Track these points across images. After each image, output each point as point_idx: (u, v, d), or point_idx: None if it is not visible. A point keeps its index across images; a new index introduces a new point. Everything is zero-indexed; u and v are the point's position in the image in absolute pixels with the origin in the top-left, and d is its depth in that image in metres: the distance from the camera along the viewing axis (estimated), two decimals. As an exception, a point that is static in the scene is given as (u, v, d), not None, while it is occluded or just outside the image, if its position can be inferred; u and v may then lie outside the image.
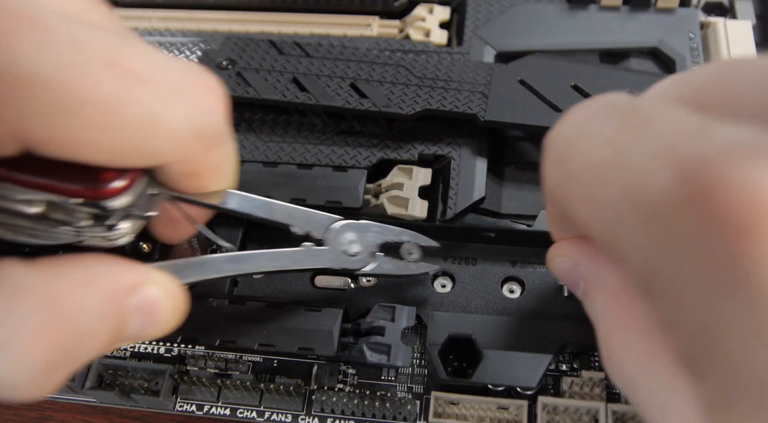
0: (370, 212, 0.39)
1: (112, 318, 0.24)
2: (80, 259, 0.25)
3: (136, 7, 0.50)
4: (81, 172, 0.25)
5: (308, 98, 0.40)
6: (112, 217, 0.27)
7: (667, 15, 0.45)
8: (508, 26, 0.45)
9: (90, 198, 0.26)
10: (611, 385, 0.35)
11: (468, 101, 0.39)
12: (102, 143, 0.24)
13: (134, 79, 0.23)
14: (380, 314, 0.35)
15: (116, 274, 0.25)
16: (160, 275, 0.27)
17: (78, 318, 0.23)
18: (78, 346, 0.23)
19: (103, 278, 0.24)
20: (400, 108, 0.39)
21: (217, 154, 0.29)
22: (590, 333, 0.34)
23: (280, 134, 0.41)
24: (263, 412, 0.35)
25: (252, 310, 0.35)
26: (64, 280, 0.23)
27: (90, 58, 0.22)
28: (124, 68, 0.23)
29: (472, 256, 0.39)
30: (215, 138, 0.27)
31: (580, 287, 0.27)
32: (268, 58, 0.42)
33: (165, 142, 0.25)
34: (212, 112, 0.27)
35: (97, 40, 0.23)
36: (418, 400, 0.35)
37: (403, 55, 0.42)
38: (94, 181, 0.26)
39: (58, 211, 0.27)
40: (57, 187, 0.25)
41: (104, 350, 0.25)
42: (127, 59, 0.23)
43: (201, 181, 0.29)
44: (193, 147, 0.26)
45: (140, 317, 0.26)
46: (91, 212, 0.27)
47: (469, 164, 0.39)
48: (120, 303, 0.25)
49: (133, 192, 0.27)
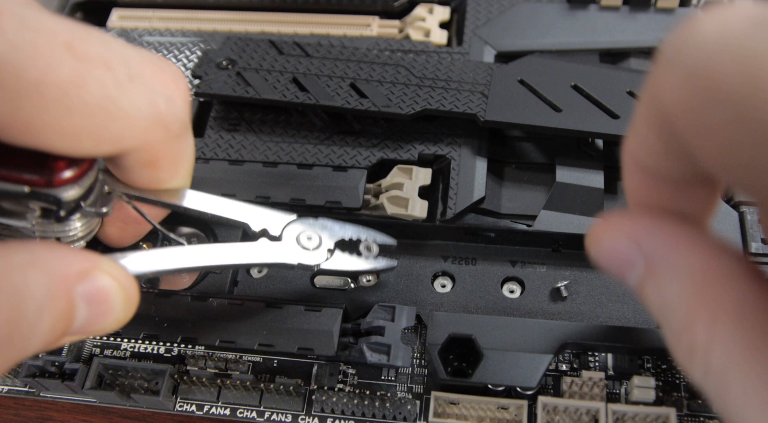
0: (370, 212, 0.39)
1: (57, 303, 0.23)
2: (25, 243, 0.24)
3: (136, 7, 0.50)
4: (31, 161, 0.25)
5: (308, 98, 0.40)
6: (62, 210, 0.27)
7: (667, 15, 0.45)
8: (508, 26, 0.45)
9: (40, 186, 0.25)
10: (611, 385, 0.35)
11: (468, 101, 0.40)
12: (59, 127, 0.23)
13: (92, 62, 0.23)
14: (380, 314, 0.35)
15: (63, 259, 0.24)
16: (112, 264, 0.26)
17: (19, 299, 0.22)
18: (20, 330, 0.22)
19: (48, 262, 0.23)
20: (399, 108, 0.39)
21: (177, 146, 0.28)
22: (590, 333, 0.34)
23: (280, 134, 0.41)
24: (263, 412, 0.35)
25: (252, 310, 0.35)
26: (7, 261, 0.22)
27: (46, 41, 0.22)
28: (82, 51, 0.23)
29: (472, 256, 0.39)
30: (175, 127, 0.27)
31: (636, 271, 0.22)
32: (268, 58, 0.42)
33: (123, 128, 0.25)
34: (173, 100, 0.26)
35: (54, 24, 0.23)
36: (418, 400, 0.35)
37: (403, 55, 0.42)
38: (44, 169, 0.25)
39: (7, 200, 0.26)
40: (5, 174, 0.25)
41: (50, 340, 0.23)
42: (85, 43, 0.23)
43: (159, 173, 0.29)
44: (153, 134, 0.26)
45: (89, 306, 0.24)
46: (41, 205, 0.27)
47: (469, 164, 0.39)
48: (66, 288, 0.23)
49: (83, 184, 0.27)
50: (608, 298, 0.37)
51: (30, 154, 0.24)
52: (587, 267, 0.38)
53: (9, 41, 0.21)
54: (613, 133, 0.38)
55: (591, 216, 0.37)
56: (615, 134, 0.38)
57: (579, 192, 0.38)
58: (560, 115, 0.39)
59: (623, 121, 0.38)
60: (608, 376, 0.35)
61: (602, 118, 0.39)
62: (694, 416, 0.34)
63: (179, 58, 0.47)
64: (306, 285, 0.38)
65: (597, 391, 0.34)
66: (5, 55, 0.21)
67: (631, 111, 0.39)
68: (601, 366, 0.35)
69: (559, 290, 0.37)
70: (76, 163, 0.26)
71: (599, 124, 0.38)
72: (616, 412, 0.33)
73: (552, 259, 0.38)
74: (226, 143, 0.41)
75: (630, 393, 0.34)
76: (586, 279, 0.37)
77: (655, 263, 0.22)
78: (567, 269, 0.38)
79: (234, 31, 0.48)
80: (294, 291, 0.38)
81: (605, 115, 0.39)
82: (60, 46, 0.22)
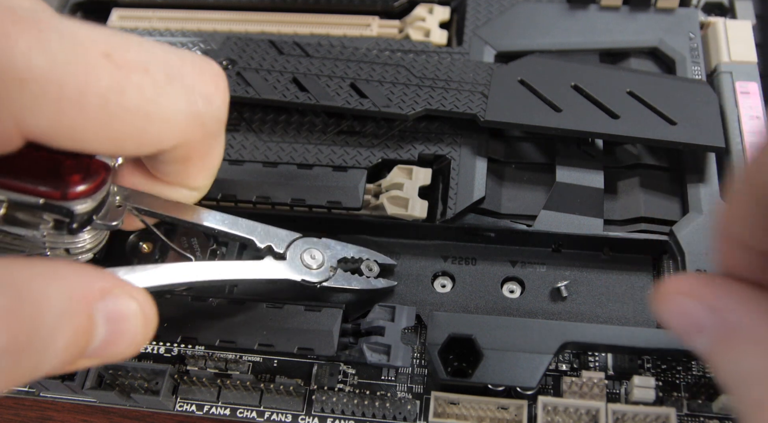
0: (370, 212, 0.39)
1: (76, 318, 0.23)
2: (48, 259, 0.25)
3: (136, 7, 0.50)
4: (47, 173, 0.26)
5: (308, 98, 0.40)
6: (74, 222, 0.27)
7: (667, 15, 0.45)
8: (508, 26, 0.45)
9: (54, 198, 0.26)
10: (611, 385, 0.35)
11: (468, 101, 0.39)
12: (102, 133, 0.24)
13: (130, 69, 0.24)
14: (380, 314, 0.35)
15: (85, 276, 0.24)
16: (133, 287, 0.25)
17: (38, 309, 0.21)
18: (36, 341, 0.21)
19: (70, 276, 0.23)
20: (400, 108, 0.39)
21: (212, 144, 0.29)
22: (590, 333, 0.34)
23: (280, 134, 0.41)
24: (263, 412, 0.35)
25: (252, 310, 0.35)
26: (29, 270, 0.22)
27: (85, 52, 0.23)
28: (119, 59, 0.24)
29: (472, 256, 0.39)
30: (213, 126, 0.27)
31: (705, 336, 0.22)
32: (268, 58, 0.42)
33: (163, 129, 0.25)
34: (211, 99, 0.27)
35: (91, 34, 0.23)
36: (418, 400, 0.35)
37: (403, 55, 0.42)
38: (59, 182, 0.26)
39: (22, 211, 0.27)
40: (20, 186, 0.26)
41: (67, 358, 0.23)
42: (122, 50, 0.24)
43: (189, 169, 0.29)
44: (191, 133, 0.26)
45: (108, 325, 0.24)
46: (54, 217, 0.27)
47: (469, 164, 0.39)
48: (87, 304, 0.23)
49: (96, 198, 0.28)
50: (608, 298, 0.37)
51: (45, 167, 0.25)
52: (587, 267, 0.38)
53: (50, 54, 0.22)
54: (613, 133, 0.38)
55: (591, 216, 0.37)
56: (615, 134, 0.38)
57: (579, 192, 0.38)
58: (560, 115, 0.39)
59: (623, 121, 0.38)
60: (608, 376, 0.35)
61: (602, 119, 0.39)
62: (694, 416, 0.34)
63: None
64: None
65: (597, 391, 0.34)
66: (47, 68, 0.22)
67: (631, 111, 0.39)
68: (601, 366, 0.35)
69: (559, 290, 0.37)
70: (90, 177, 0.27)
71: (599, 125, 0.38)
72: (616, 412, 0.33)
73: (552, 259, 0.38)
74: (226, 143, 0.41)
75: (630, 393, 0.34)
76: (586, 279, 0.37)
77: (734, 332, 0.21)
78: (567, 269, 0.38)
79: (234, 31, 0.48)
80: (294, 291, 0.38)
81: (605, 116, 0.39)
82: (98, 55, 0.23)
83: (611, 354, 0.36)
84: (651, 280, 0.37)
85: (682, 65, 0.43)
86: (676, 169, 0.40)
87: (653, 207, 0.38)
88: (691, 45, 0.44)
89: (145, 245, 0.39)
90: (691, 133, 0.38)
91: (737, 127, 0.40)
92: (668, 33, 0.44)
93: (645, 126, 0.38)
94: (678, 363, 0.35)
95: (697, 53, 0.43)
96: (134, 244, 0.39)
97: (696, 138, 0.38)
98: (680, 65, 0.43)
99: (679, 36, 0.44)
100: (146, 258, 0.38)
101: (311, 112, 0.42)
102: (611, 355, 0.36)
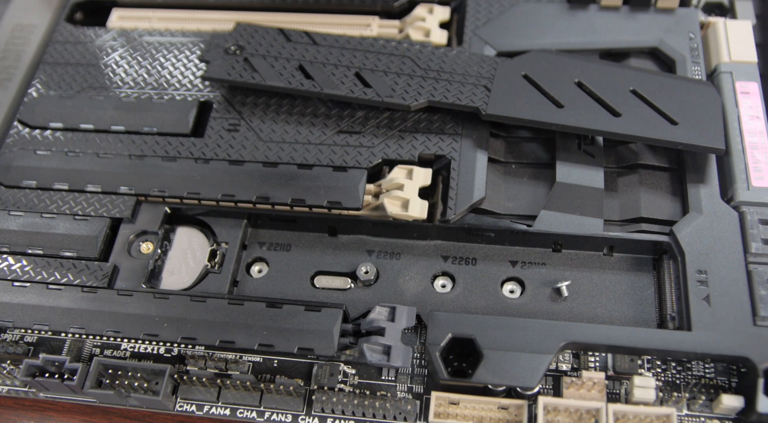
0: (370, 212, 0.39)
1: None
2: None
3: (136, 7, 0.51)
4: None
5: (313, 86, 0.40)
6: None
7: (667, 15, 0.45)
8: (508, 26, 0.45)
9: None
10: (611, 385, 0.35)
11: (471, 94, 0.40)
12: None
13: None
14: (380, 314, 0.35)
15: None
16: None
17: None
18: None
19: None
20: (403, 98, 0.40)
21: None
22: (590, 333, 0.34)
23: (281, 133, 0.41)
24: (263, 412, 0.35)
25: (252, 310, 0.35)
26: None
27: None
28: None
29: (472, 256, 0.39)
30: None
31: None
32: (276, 44, 0.43)
33: None
34: None
35: None
36: (418, 400, 0.35)
37: (409, 46, 0.42)
38: None
39: None
40: None
41: None
42: None
43: None
44: None
45: None
46: None
47: (469, 164, 0.39)
48: None
49: None
50: (608, 298, 0.37)
51: None
52: (587, 267, 0.38)
53: None
54: (613, 131, 0.38)
55: (591, 216, 0.37)
56: (615, 132, 0.38)
57: (579, 192, 0.38)
58: (562, 112, 0.39)
59: (624, 119, 0.38)
60: (608, 376, 0.35)
61: (604, 116, 0.39)
62: (694, 416, 0.34)
63: (179, 58, 0.47)
64: (306, 285, 0.38)
65: (597, 391, 0.34)
66: None
67: (633, 110, 0.39)
68: (601, 366, 0.35)
69: (560, 290, 0.37)
70: None
71: (600, 122, 0.38)
72: (617, 412, 0.33)
73: (552, 259, 0.38)
74: (226, 143, 0.41)
75: (630, 393, 0.34)
76: (586, 279, 0.37)
77: None
78: (567, 269, 0.38)
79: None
80: (294, 291, 0.38)
81: (607, 113, 0.39)
82: None
83: (611, 354, 0.36)
84: (651, 280, 0.37)
85: (682, 65, 0.43)
86: (676, 169, 0.40)
87: (653, 207, 0.38)
88: (691, 45, 0.44)
89: (145, 245, 0.39)
90: (692, 134, 0.38)
91: (737, 127, 0.40)
92: (668, 33, 0.44)
93: (646, 125, 0.38)
94: (678, 363, 0.35)
95: (697, 53, 0.43)
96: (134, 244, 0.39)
97: (696, 139, 0.38)
98: (680, 65, 0.43)
99: (679, 36, 0.44)
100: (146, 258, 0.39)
101: (316, 100, 0.42)
102: (611, 355, 0.36)
